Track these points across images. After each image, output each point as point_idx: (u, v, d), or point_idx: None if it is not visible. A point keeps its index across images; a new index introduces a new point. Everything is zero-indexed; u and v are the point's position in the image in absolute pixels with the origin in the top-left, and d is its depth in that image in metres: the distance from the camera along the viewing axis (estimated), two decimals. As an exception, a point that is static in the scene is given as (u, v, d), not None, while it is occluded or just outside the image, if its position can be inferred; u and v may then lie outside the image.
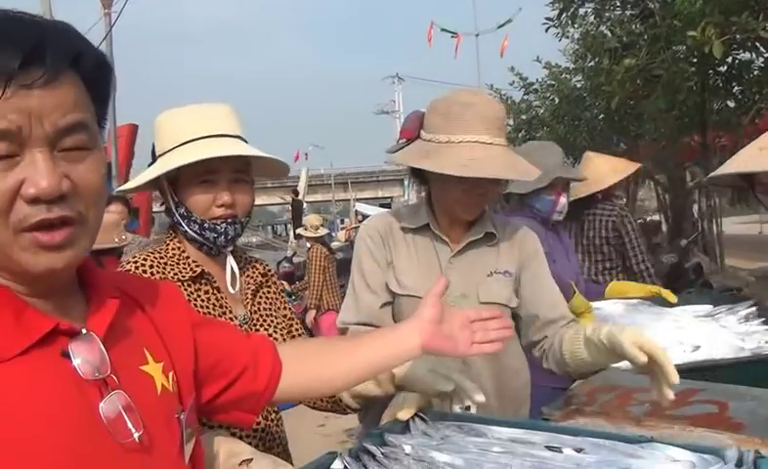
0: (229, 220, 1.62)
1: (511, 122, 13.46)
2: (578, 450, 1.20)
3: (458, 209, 1.95)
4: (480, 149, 1.79)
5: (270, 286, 1.81)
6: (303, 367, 1.29)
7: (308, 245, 8.04)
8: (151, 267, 1.60)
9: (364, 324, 1.94)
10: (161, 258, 1.63)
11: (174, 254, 1.65)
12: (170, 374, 1.03)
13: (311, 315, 7.40)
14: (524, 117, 13.19)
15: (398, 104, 43.17)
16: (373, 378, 1.57)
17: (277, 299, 1.81)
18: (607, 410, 1.68)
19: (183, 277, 1.61)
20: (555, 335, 1.94)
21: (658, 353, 1.47)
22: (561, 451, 1.21)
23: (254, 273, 1.76)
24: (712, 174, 2.50)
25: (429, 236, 2.01)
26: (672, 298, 2.70)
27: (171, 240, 1.67)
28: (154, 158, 1.67)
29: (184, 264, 1.63)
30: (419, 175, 2.05)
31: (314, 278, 7.40)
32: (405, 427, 1.40)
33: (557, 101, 12.02)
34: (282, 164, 1.74)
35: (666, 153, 10.52)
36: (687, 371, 2.01)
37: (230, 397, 1.19)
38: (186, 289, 1.60)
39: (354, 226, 20.89)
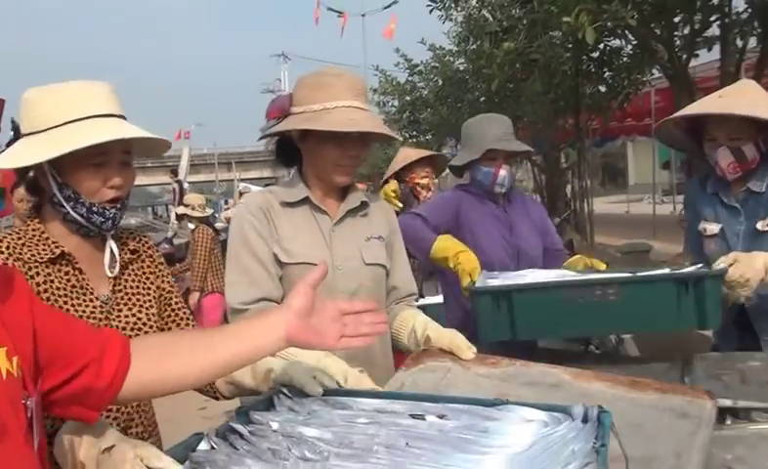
0: (117, 205, 1.60)
1: (396, 103, 13.62)
2: (441, 417, 1.23)
3: (336, 173, 2.05)
4: (355, 112, 1.97)
5: (143, 261, 1.75)
6: (152, 364, 1.23)
7: (191, 226, 7.81)
8: (8, 248, 1.53)
9: (266, 300, 1.94)
10: (19, 239, 1.56)
11: (34, 235, 1.57)
12: (14, 359, 0.98)
13: (194, 297, 7.20)
14: (408, 98, 13.36)
15: (284, 83, 42.62)
16: (252, 371, 1.58)
17: (151, 273, 1.76)
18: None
19: (41, 258, 1.55)
20: (392, 307, 2.20)
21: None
22: (424, 419, 1.24)
23: (123, 250, 1.70)
24: (666, 119, 2.57)
25: (308, 209, 2.09)
26: (601, 266, 2.65)
27: (32, 221, 1.60)
28: (17, 136, 1.57)
29: (43, 245, 1.56)
30: (287, 155, 2.15)
31: (199, 260, 7.20)
32: (269, 404, 1.39)
33: (440, 82, 12.22)
34: (165, 142, 1.71)
35: (543, 135, 10.94)
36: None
37: (69, 391, 1.13)
38: (43, 271, 1.54)
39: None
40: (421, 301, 3.50)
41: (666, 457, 1.31)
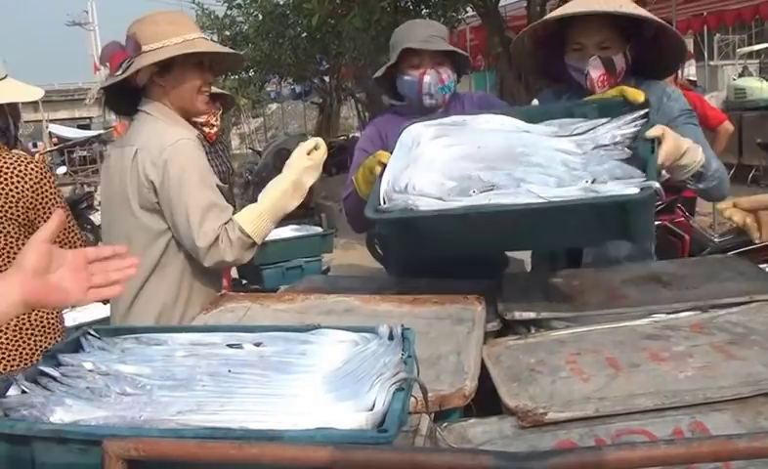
0: None
1: (215, 38, 13.15)
2: (257, 345, 1.27)
3: (199, 100, 2.20)
4: (209, 42, 2.29)
5: None
6: None
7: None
8: None
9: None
10: None
11: None
12: None
13: None
14: (227, 33, 12.94)
15: (91, 14, 39.55)
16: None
17: None
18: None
19: None
20: None
21: None
22: (242, 347, 1.27)
23: None
24: (542, 20, 2.29)
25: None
26: (639, 97, 1.88)
27: None
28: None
29: None
30: (124, 102, 2.24)
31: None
32: (77, 346, 1.34)
33: (261, 17, 11.94)
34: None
35: (366, 72, 11.05)
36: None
37: None
38: None
39: (49, 149, 19.05)
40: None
41: (449, 355, 1.57)
